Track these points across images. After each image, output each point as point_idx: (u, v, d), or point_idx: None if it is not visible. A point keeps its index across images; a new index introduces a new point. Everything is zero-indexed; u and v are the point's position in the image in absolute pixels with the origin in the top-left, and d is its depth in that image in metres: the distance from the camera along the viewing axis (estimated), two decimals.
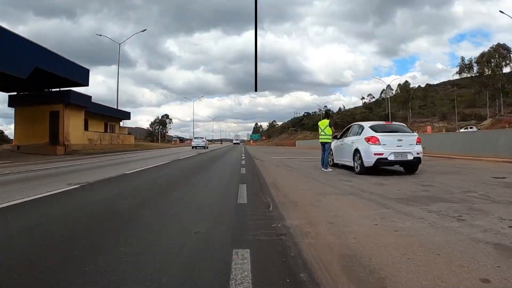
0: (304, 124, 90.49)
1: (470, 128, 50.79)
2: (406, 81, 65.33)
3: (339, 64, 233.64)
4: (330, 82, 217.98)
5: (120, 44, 36.23)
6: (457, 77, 59.82)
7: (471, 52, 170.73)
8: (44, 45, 15.95)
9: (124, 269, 1.77)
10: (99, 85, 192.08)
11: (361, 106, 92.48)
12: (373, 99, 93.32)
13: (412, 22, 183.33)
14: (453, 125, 62.54)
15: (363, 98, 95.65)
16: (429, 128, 45.20)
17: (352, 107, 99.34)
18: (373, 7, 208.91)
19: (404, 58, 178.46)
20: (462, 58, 56.57)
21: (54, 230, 2.67)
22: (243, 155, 17.72)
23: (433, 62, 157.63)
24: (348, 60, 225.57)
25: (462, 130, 45.37)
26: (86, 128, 24.53)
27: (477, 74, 56.77)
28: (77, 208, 3.62)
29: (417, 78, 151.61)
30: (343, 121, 67.76)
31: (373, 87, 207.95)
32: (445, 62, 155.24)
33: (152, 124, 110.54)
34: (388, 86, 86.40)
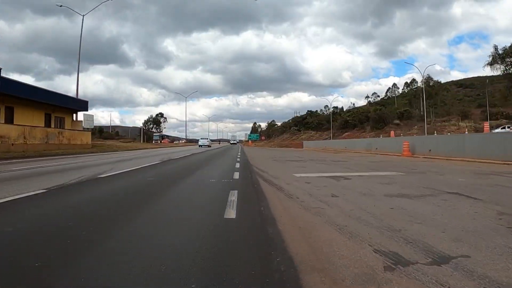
0: (308, 123, 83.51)
1: (508, 127, 44.07)
2: (428, 75, 58.14)
3: (337, 65, 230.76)
4: (328, 83, 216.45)
5: (83, 16, 29.45)
6: (488, 69, 53.14)
7: (470, 54, 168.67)
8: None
9: None
10: (97, 84, 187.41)
11: (365, 105, 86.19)
12: (378, 98, 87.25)
13: (410, 23, 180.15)
14: (480, 124, 55.96)
15: (367, 97, 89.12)
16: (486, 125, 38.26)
17: (354, 107, 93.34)
18: (372, 8, 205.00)
19: (403, 59, 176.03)
20: (495, 47, 49.40)
21: None
22: (238, 162, 10.54)
23: (432, 63, 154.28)
24: (347, 61, 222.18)
25: (498, 130, 38.88)
26: (9, 120, 17.25)
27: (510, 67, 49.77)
28: None
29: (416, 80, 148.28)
30: (354, 120, 60.67)
31: (372, 88, 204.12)
32: (443, 63, 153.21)
33: (145, 123, 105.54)
34: (394, 85, 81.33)
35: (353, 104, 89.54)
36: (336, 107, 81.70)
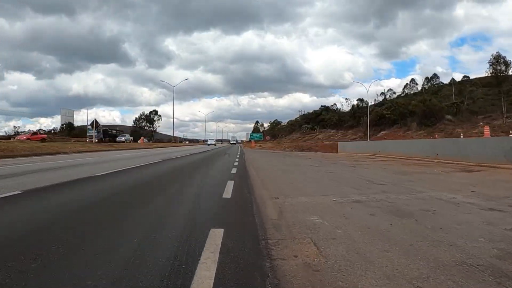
0: (325, 120, 70.42)
1: None
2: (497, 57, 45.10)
3: (338, 65, 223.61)
4: (329, 83, 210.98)
5: None
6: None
7: (472, 56, 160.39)
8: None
9: None
10: (97, 84, 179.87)
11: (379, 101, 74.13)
12: (394, 94, 74.99)
13: (413, 24, 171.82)
14: None
15: (383, 93, 76.22)
16: None
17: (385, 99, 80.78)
18: (373, 9, 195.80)
19: (404, 61, 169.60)
20: None
21: None
22: None
23: (433, 65, 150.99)
24: (348, 61, 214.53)
25: None
26: None
27: None
28: None
29: (417, 81, 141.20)
30: (393, 114, 47.57)
31: (373, 90, 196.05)
32: (444, 65, 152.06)
33: (136, 121, 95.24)
34: (412, 80, 71.30)
35: (388, 92, 76.61)
36: (361, 99, 68.05)
